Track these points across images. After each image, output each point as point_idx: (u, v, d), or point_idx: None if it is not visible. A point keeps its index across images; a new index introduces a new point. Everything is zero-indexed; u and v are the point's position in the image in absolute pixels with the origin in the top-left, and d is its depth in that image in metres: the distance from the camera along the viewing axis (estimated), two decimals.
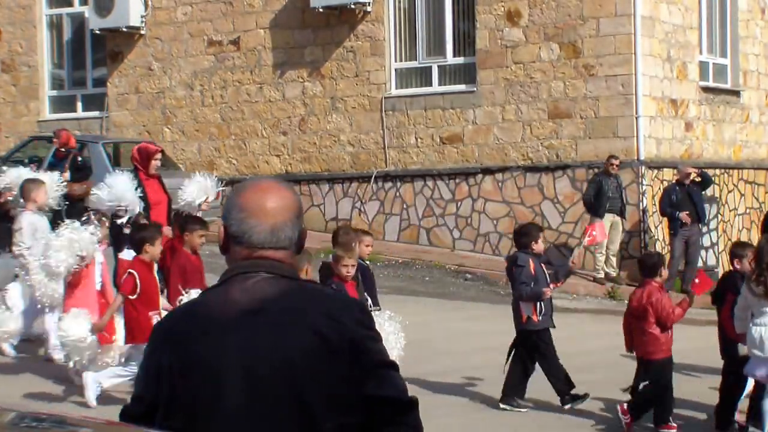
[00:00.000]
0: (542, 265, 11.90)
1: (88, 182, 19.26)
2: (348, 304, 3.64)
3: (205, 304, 3.65)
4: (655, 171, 21.24)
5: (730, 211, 22.90)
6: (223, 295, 3.59)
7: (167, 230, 12.76)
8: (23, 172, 14.62)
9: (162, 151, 14.51)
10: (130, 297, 10.89)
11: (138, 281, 10.86)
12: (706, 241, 21.69)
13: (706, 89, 22.78)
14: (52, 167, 19.50)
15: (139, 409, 3.64)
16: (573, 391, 11.62)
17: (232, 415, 3.48)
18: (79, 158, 19.53)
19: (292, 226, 3.66)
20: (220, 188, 14.09)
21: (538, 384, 12.15)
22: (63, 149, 19.45)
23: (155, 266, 11.42)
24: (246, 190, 3.69)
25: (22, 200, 13.40)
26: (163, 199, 13.84)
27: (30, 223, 12.92)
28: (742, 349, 10.54)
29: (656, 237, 21.00)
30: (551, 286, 11.83)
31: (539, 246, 11.98)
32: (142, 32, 24.96)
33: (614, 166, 19.92)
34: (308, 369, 3.46)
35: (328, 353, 3.47)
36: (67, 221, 11.95)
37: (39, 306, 12.49)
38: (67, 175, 19.00)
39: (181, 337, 3.56)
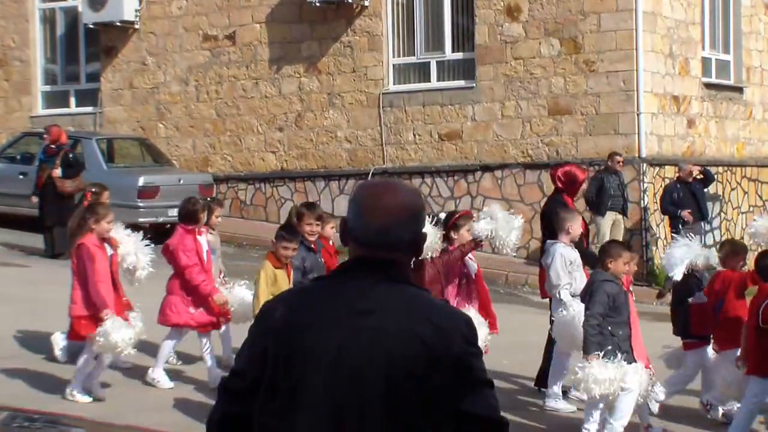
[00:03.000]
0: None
1: (79, 178, 19.10)
2: (456, 318, 3.62)
3: (316, 296, 3.68)
4: (657, 168, 21.07)
5: (733, 209, 22.77)
6: (332, 290, 3.64)
7: None
8: None
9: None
10: None
11: None
12: (708, 240, 21.49)
13: (709, 85, 22.62)
14: (43, 164, 19.34)
15: (242, 384, 3.66)
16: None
17: (326, 411, 3.51)
18: (70, 154, 19.38)
19: (406, 227, 3.64)
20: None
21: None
22: (54, 146, 19.27)
23: None
24: (366, 187, 3.74)
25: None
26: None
27: None
28: None
29: (657, 235, 20.81)
30: None
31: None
32: (136, 27, 24.73)
33: (619, 163, 19.71)
34: (411, 377, 3.47)
35: (429, 361, 3.48)
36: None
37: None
38: (59, 171, 18.84)
39: (288, 326, 3.60)
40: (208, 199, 14.30)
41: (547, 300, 12.13)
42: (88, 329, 10.75)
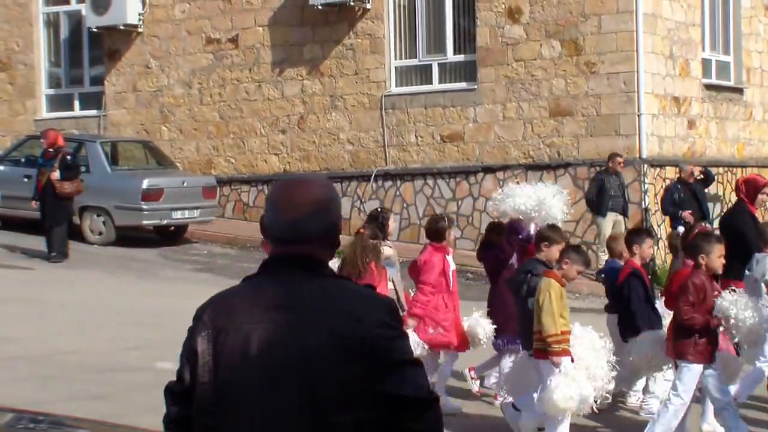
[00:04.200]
0: None
1: (78, 180, 19.17)
2: (371, 303, 3.65)
3: (238, 296, 3.74)
4: (658, 169, 21.12)
5: None
6: (250, 289, 3.71)
7: None
8: None
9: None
10: None
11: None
12: None
13: (709, 86, 22.67)
14: (41, 167, 19.40)
15: (180, 387, 3.78)
16: None
17: (251, 405, 3.59)
18: (68, 157, 19.41)
19: (315, 220, 3.69)
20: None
21: None
22: (51, 149, 19.32)
23: None
24: (277, 186, 3.80)
25: None
26: None
27: None
28: None
29: (658, 236, 20.86)
30: None
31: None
32: (140, 30, 24.83)
33: (620, 164, 19.78)
34: (323, 366, 3.53)
35: (344, 352, 3.53)
36: None
37: None
38: (57, 174, 18.89)
39: (212, 328, 3.67)
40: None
41: None
42: None
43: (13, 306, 15.09)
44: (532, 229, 11.08)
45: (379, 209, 12.89)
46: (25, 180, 20.77)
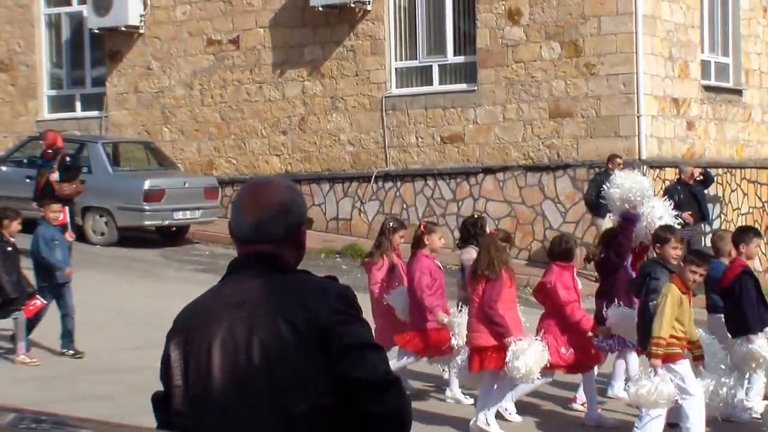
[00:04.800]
0: None
1: (77, 182, 19.18)
2: (324, 293, 3.72)
3: (204, 299, 3.86)
4: (657, 170, 21.16)
5: (733, 210, 22.84)
6: (216, 290, 3.83)
7: None
8: None
9: None
10: None
11: None
12: (708, 241, 21.58)
13: (708, 88, 22.71)
14: (41, 168, 19.42)
15: (161, 392, 3.88)
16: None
17: (219, 404, 3.69)
18: (68, 158, 19.39)
19: (275, 221, 3.79)
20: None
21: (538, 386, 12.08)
22: (50, 150, 19.32)
23: None
24: (242, 188, 3.91)
25: None
26: None
27: None
28: None
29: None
30: None
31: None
32: (141, 31, 24.90)
33: (619, 165, 19.81)
34: (281, 358, 3.62)
35: (299, 341, 3.62)
36: None
37: None
38: (56, 175, 18.89)
39: (181, 331, 3.80)
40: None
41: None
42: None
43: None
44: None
45: (476, 216, 12.97)
46: (27, 181, 20.80)
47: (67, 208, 15.10)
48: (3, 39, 26.64)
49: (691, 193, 19.86)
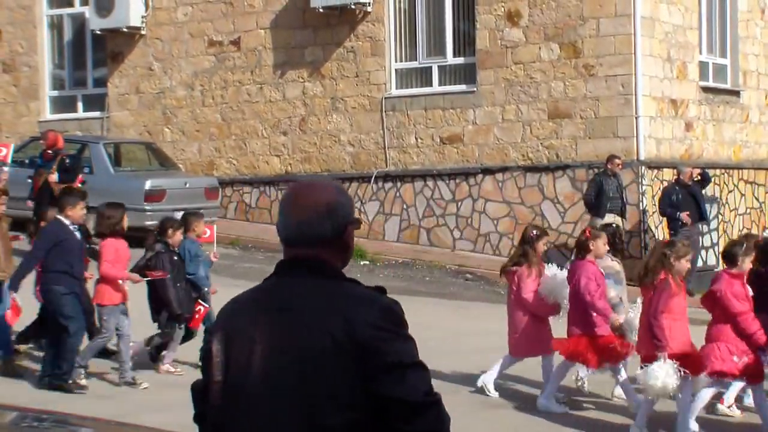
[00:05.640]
0: None
1: (76, 183, 19.23)
2: (368, 305, 3.64)
3: (247, 298, 3.84)
4: (655, 171, 21.23)
5: (730, 211, 22.90)
6: (259, 290, 3.80)
7: None
8: None
9: None
10: None
11: None
12: (706, 241, 21.70)
13: (706, 89, 22.78)
14: (40, 168, 19.46)
15: (200, 383, 3.88)
16: None
17: (252, 405, 3.67)
18: (67, 159, 19.44)
19: (321, 223, 3.72)
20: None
21: (539, 384, 12.16)
22: (50, 151, 19.35)
23: None
24: (288, 189, 3.86)
25: None
26: None
27: None
28: None
29: (656, 237, 20.98)
30: None
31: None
32: (143, 32, 24.99)
33: (618, 166, 19.89)
34: (317, 368, 3.57)
35: (336, 353, 3.57)
36: None
37: None
38: (55, 176, 18.94)
39: (223, 327, 3.79)
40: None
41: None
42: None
43: None
44: None
45: (614, 225, 12.96)
46: (29, 181, 20.90)
47: (214, 226, 14.62)
48: (5, 40, 26.74)
49: (689, 194, 19.92)
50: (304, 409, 3.58)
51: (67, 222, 12.00)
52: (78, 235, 12.13)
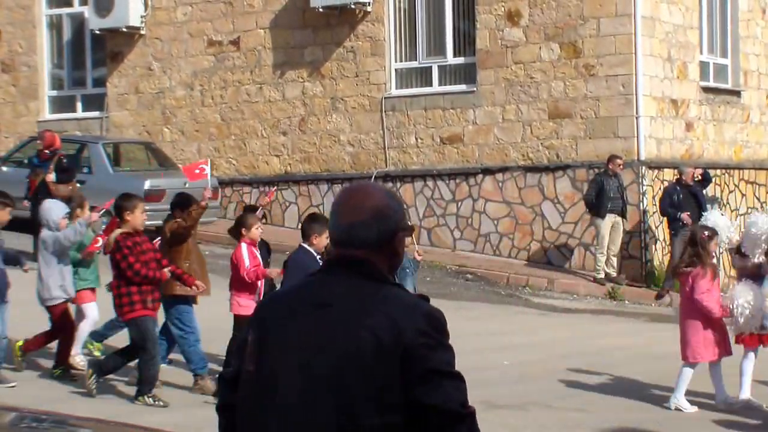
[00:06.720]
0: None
1: (73, 183, 19.21)
2: (414, 311, 3.67)
3: (290, 291, 3.94)
4: (656, 171, 21.22)
5: (731, 211, 22.87)
6: (303, 285, 3.86)
7: None
8: None
9: None
10: None
11: None
12: None
13: (707, 89, 22.77)
14: (36, 168, 19.43)
15: (230, 373, 3.93)
16: None
17: (287, 399, 3.68)
18: (64, 159, 19.41)
19: (369, 226, 3.75)
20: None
21: (538, 384, 12.14)
22: (47, 151, 19.32)
23: None
24: (341, 191, 3.90)
25: None
26: None
27: None
28: None
29: (657, 237, 20.98)
30: None
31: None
32: (142, 32, 24.97)
33: (619, 166, 19.87)
34: (356, 368, 3.60)
35: (380, 355, 3.58)
36: None
37: None
38: (52, 176, 18.90)
39: (263, 320, 3.82)
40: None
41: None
42: None
43: (14, 307, 15.18)
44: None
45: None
46: (27, 181, 20.88)
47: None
48: (4, 40, 26.72)
49: (690, 194, 19.91)
50: (341, 407, 3.59)
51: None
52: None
